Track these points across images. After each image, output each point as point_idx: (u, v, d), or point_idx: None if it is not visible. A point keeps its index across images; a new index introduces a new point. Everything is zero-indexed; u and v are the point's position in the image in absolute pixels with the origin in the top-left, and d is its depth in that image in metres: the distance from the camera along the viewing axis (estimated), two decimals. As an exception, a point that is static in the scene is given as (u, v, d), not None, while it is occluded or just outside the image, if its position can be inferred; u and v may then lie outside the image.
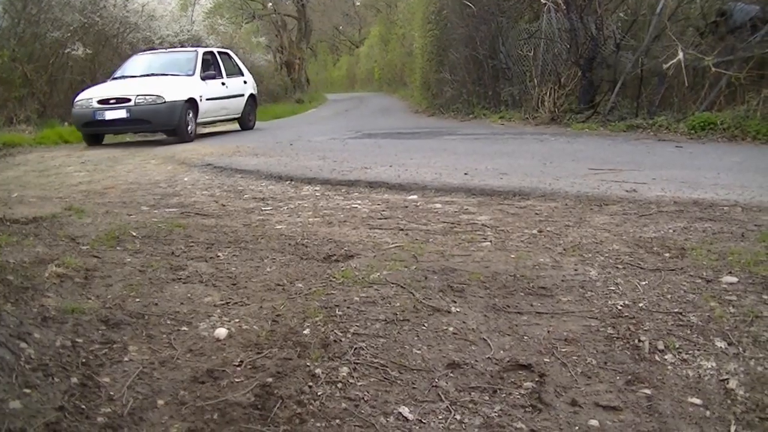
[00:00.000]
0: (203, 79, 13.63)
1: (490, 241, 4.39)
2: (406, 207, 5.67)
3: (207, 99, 13.51)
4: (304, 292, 3.53)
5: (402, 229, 4.82)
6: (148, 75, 13.29)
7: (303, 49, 39.76)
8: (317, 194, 6.49)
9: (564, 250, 4.12)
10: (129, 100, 11.97)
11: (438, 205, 5.69)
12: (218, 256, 4.20)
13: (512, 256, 4.03)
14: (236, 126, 16.08)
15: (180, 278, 3.77)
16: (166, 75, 13.24)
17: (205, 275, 3.82)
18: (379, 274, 3.73)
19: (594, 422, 2.31)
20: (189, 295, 3.52)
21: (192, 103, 12.82)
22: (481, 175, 6.89)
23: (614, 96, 12.81)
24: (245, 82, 15.86)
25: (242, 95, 15.52)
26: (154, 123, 12.19)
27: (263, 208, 5.81)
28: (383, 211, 5.53)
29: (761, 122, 9.71)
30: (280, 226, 5.02)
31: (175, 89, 12.50)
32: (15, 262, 3.78)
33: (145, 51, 15.65)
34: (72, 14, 15.64)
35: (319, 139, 12.44)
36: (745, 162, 7.59)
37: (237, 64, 16.06)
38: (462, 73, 18.90)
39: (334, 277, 3.73)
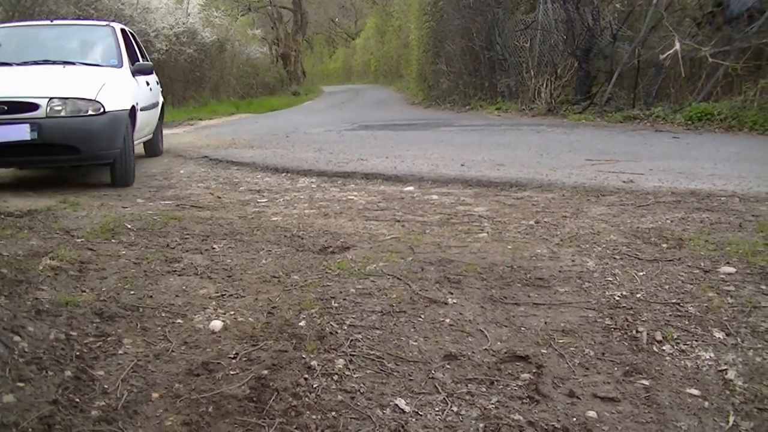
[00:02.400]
0: (134, 74, 7.96)
1: (487, 233, 4.38)
2: (403, 198, 5.65)
3: (141, 109, 7.87)
4: (299, 284, 3.51)
5: (398, 221, 4.80)
6: (43, 63, 7.45)
7: (299, 42, 39.66)
8: (313, 186, 6.47)
9: (561, 241, 4.11)
10: (35, 106, 6.23)
11: (434, 197, 5.67)
12: (213, 249, 4.17)
13: (509, 247, 4.01)
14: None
15: (175, 270, 3.75)
16: (77, 65, 7.51)
17: (200, 267, 3.80)
18: (375, 265, 3.71)
19: (592, 413, 2.30)
20: (184, 287, 3.49)
21: (132, 117, 7.27)
22: (478, 167, 6.87)
23: (611, 87, 12.79)
24: (158, 82, 9.79)
25: (158, 102, 9.57)
26: (84, 151, 6.39)
27: (259, 200, 5.79)
28: (379, 202, 5.51)
29: (758, 113, 9.70)
30: (275, 218, 4.99)
31: (112, 90, 6.80)
32: (9, 255, 3.76)
33: (12, 23, 9.28)
34: (67, 6, 15.53)
35: (315, 131, 12.41)
36: (742, 152, 7.58)
37: (145, 52, 9.81)
38: (458, 65, 18.89)
39: (330, 269, 3.71)
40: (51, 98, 6.34)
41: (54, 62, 7.42)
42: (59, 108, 6.33)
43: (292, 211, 5.27)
